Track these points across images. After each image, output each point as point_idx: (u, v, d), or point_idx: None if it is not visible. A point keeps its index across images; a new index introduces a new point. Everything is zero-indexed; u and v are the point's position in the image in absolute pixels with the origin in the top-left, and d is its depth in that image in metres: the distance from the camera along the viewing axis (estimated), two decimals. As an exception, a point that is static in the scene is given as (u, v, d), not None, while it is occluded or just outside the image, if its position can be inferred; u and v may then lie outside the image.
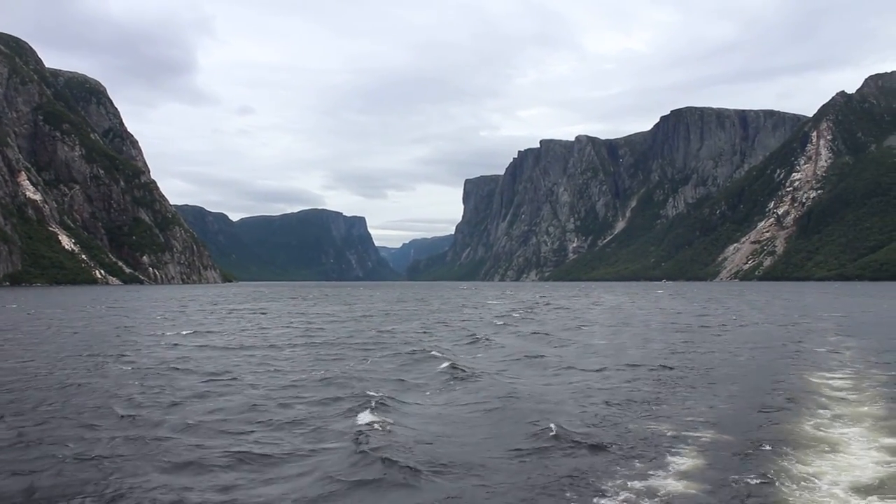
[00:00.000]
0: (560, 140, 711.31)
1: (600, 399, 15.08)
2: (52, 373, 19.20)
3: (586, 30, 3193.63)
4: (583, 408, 14.14)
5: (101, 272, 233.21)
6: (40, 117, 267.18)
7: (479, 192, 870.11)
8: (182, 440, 11.43)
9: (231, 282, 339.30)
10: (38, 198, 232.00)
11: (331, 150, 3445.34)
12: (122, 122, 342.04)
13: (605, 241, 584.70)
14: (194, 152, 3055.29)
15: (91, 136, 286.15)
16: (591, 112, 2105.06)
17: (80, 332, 33.69)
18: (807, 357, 22.49)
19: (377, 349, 24.98)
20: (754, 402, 14.74)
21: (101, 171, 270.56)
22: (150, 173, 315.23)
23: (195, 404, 14.48)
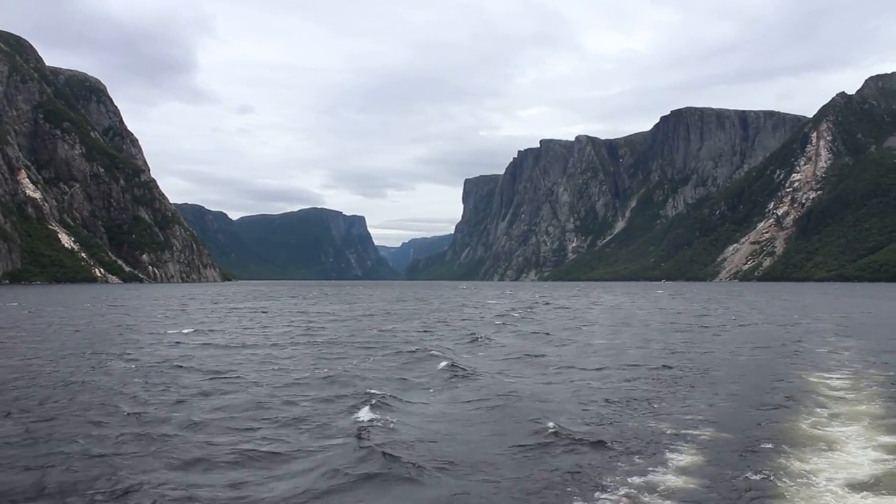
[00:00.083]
0: (560, 140, 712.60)
1: (600, 397, 15.22)
2: (55, 370, 19.29)
3: (586, 30, 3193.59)
4: (583, 406, 14.28)
5: (101, 270, 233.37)
6: (40, 115, 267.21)
7: (478, 192, 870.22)
8: (189, 437, 11.56)
9: (230, 280, 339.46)
10: (37, 196, 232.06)
11: (330, 150, 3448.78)
12: (122, 121, 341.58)
13: (605, 241, 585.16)
14: (194, 151, 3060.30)
15: (91, 134, 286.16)
16: (591, 112, 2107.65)
17: (82, 331, 33.82)
18: (806, 357, 22.64)
19: (379, 348, 25.12)
20: (753, 400, 14.89)
21: (100, 170, 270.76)
22: (149, 172, 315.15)
23: (200, 402, 14.61)
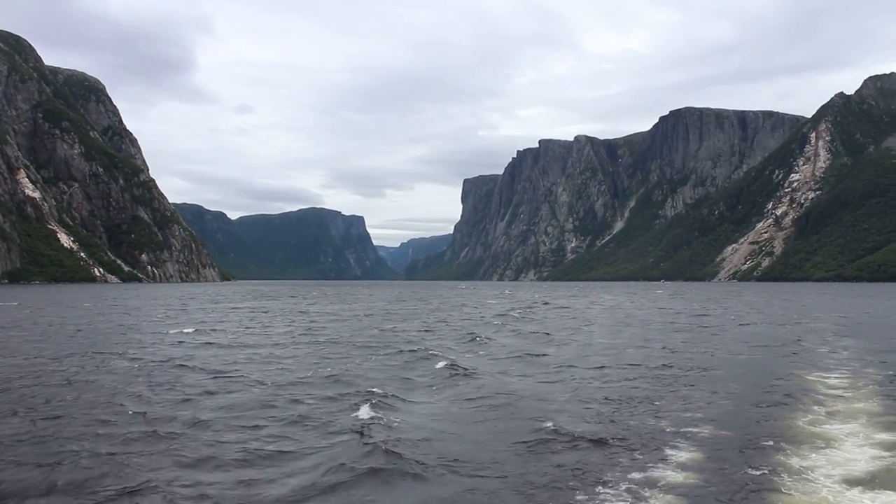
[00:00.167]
0: (559, 140, 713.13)
1: (601, 396, 15.37)
2: (59, 369, 19.39)
3: (585, 30, 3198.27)
4: (584, 405, 14.43)
5: (100, 270, 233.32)
6: (39, 115, 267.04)
7: (477, 192, 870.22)
8: (196, 435, 11.68)
9: (229, 280, 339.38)
10: (37, 195, 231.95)
11: (329, 149, 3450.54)
12: (121, 120, 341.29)
13: (604, 241, 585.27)
14: (193, 151, 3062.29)
15: (90, 133, 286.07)
16: (590, 112, 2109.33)
17: (84, 330, 33.92)
18: (804, 356, 22.79)
19: (380, 347, 25.25)
20: (753, 399, 15.05)
21: (100, 169, 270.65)
22: (148, 171, 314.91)
23: (206, 400, 14.73)
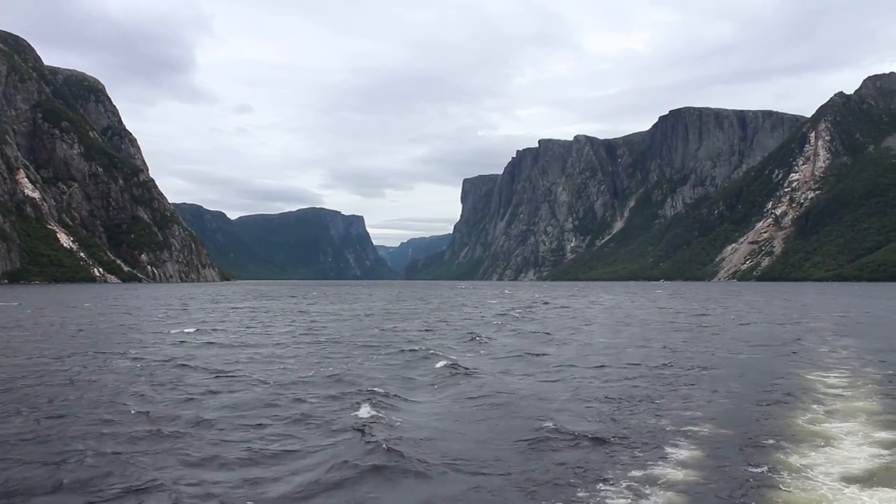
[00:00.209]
0: (558, 140, 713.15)
1: (601, 395, 15.44)
2: (61, 369, 19.44)
3: (585, 30, 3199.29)
4: (585, 404, 14.50)
5: (100, 270, 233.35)
6: (39, 115, 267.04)
7: (477, 192, 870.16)
8: (200, 434, 11.73)
9: (229, 280, 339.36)
10: (36, 195, 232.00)
11: (329, 149, 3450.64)
12: (120, 120, 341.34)
13: (604, 240, 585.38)
14: (192, 151, 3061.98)
15: (90, 133, 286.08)
16: (590, 112, 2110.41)
17: (85, 330, 33.98)
18: (804, 355, 22.87)
19: (381, 347, 25.33)
20: (752, 398, 15.13)
21: (99, 169, 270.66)
22: (148, 171, 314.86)
23: (208, 400, 14.79)
